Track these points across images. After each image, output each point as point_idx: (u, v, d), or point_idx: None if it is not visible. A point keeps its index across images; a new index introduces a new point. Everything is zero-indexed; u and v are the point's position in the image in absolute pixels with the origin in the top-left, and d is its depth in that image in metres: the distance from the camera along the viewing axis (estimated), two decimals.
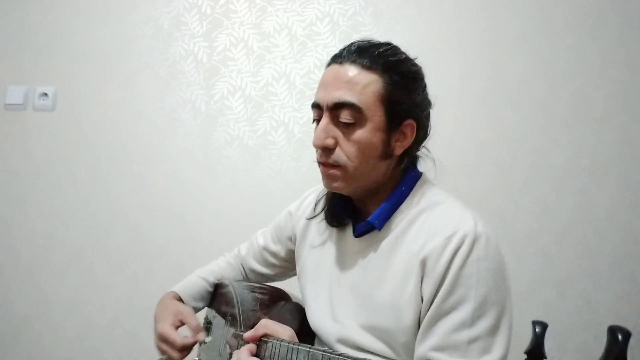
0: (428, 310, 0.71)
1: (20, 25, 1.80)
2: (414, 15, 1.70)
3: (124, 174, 1.73)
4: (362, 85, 0.75)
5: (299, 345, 0.68)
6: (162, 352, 0.87)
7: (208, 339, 0.87)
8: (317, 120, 0.80)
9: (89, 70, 1.77)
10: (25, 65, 1.79)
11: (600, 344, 1.73)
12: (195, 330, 0.86)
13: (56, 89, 1.77)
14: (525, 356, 0.51)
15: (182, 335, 0.86)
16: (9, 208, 1.76)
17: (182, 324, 0.88)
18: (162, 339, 0.86)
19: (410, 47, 0.84)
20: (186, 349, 0.85)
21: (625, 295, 1.60)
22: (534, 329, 0.52)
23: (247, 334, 0.76)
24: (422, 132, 0.82)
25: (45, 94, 1.77)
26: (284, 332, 0.74)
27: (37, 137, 1.77)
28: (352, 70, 0.76)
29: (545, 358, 0.51)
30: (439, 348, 0.69)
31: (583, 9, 1.67)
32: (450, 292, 0.70)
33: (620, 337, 0.43)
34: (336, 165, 0.78)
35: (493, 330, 0.69)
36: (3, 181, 1.76)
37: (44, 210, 1.74)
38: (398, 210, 0.80)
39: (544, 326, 0.51)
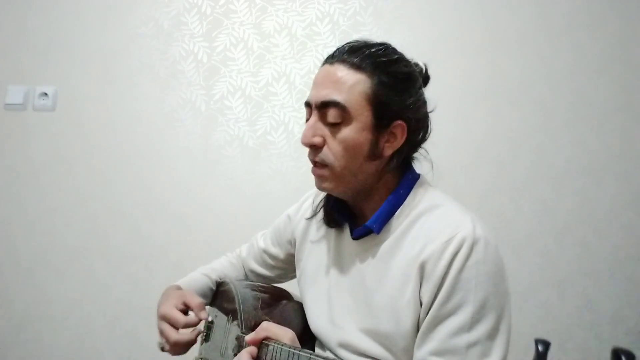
0: (427, 314, 0.71)
1: (20, 25, 1.80)
2: (414, 16, 1.70)
3: (124, 174, 1.73)
4: (349, 84, 0.76)
5: (300, 351, 0.67)
6: (162, 332, 0.84)
7: (210, 318, 0.85)
8: (308, 119, 0.81)
9: (89, 70, 1.77)
10: (25, 65, 1.79)
11: (600, 343, 1.74)
12: (198, 308, 0.85)
13: (56, 89, 1.77)
14: None
15: (185, 316, 0.84)
16: (9, 208, 1.75)
17: (186, 306, 0.87)
18: (164, 318, 0.84)
19: (410, 47, 0.84)
20: (189, 326, 0.83)
21: (625, 295, 1.60)
22: (537, 348, 0.50)
23: (248, 337, 0.75)
24: (415, 134, 0.81)
25: (45, 94, 1.77)
26: (285, 335, 0.74)
27: (37, 137, 1.77)
28: (341, 70, 0.77)
29: None
30: (438, 352, 0.69)
31: (583, 9, 1.67)
32: (449, 297, 0.69)
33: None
34: (324, 165, 0.78)
35: (492, 334, 0.69)
36: (3, 181, 1.76)
37: (44, 210, 1.74)
38: (396, 214, 0.79)
39: (547, 345, 0.50)
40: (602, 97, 1.65)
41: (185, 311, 0.86)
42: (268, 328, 0.75)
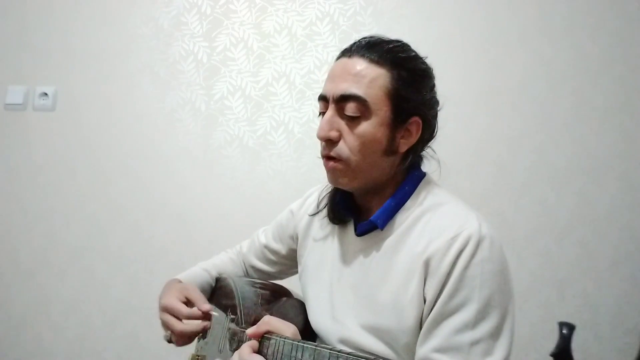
0: (430, 311, 0.71)
1: (20, 25, 1.80)
2: (414, 15, 1.70)
3: (124, 174, 1.73)
4: (369, 78, 0.75)
5: (304, 343, 0.67)
6: (165, 324, 0.85)
7: (215, 313, 0.86)
8: (323, 113, 0.80)
9: (89, 70, 1.77)
10: (25, 65, 1.79)
11: (600, 344, 1.73)
12: (200, 302, 0.85)
13: (56, 89, 1.77)
14: (551, 359, 0.49)
15: (188, 308, 0.85)
16: (9, 208, 1.75)
17: (187, 300, 0.87)
18: (166, 309, 0.85)
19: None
20: (191, 319, 0.84)
21: (625, 295, 1.60)
22: (561, 330, 0.49)
23: (249, 331, 0.75)
24: (428, 131, 0.82)
25: (45, 94, 1.77)
26: (287, 329, 0.73)
27: (37, 137, 1.77)
28: (360, 64, 0.76)
29: None
30: (441, 349, 0.69)
31: (583, 9, 1.67)
32: (453, 294, 0.69)
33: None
34: (338, 159, 0.78)
35: (496, 332, 0.69)
36: (3, 181, 1.76)
37: (44, 210, 1.74)
38: (401, 210, 0.79)
39: (572, 327, 0.49)
40: (602, 97, 1.65)
41: (186, 304, 0.87)
42: (270, 322, 0.74)
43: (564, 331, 0.50)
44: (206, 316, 0.84)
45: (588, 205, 1.62)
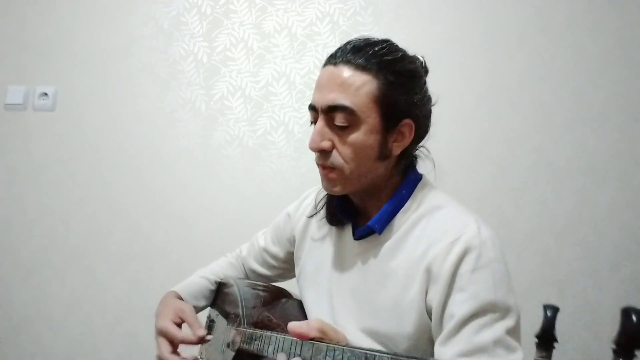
0: (440, 317, 0.70)
1: (20, 25, 1.80)
2: (414, 15, 1.70)
3: (124, 174, 1.73)
4: (355, 87, 0.74)
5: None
6: (159, 347, 0.85)
7: (209, 337, 0.86)
8: (314, 122, 0.80)
9: (89, 70, 1.77)
10: (25, 65, 1.79)
11: (600, 344, 1.73)
12: (194, 327, 0.85)
13: (56, 89, 1.77)
14: (536, 340, 0.51)
15: (183, 332, 0.85)
16: (9, 208, 1.75)
17: (183, 321, 0.88)
18: (162, 333, 0.85)
19: (410, 47, 0.83)
20: (186, 343, 0.84)
21: (625, 295, 1.60)
22: (545, 313, 0.51)
23: (293, 328, 0.64)
24: (421, 131, 0.81)
25: (45, 94, 1.77)
26: (338, 337, 0.66)
27: (37, 137, 1.77)
28: (346, 71, 0.75)
29: (557, 341, 0.50)
30: (466, 353, 0.67)
31: (583, 9, 1.67)
32: (465, 298, 0.68)
33: (634, 318, 0.42)
34: (333, 168, 0.77)
35: (512, 330, 0.69)
36: (3, 181, 1.76)
37: (44, 210, 1.74)
38: (399, 214, 0.79)
39: (555, 309, 0.50)
40: (602, 97, 1.65)
41: (181, 324, 0.87)
42: (323, 329, 0.64)
43: (548, 313, 0.52)
44: (201, 340, 0.84)
45: (588, 205, 1.62)
